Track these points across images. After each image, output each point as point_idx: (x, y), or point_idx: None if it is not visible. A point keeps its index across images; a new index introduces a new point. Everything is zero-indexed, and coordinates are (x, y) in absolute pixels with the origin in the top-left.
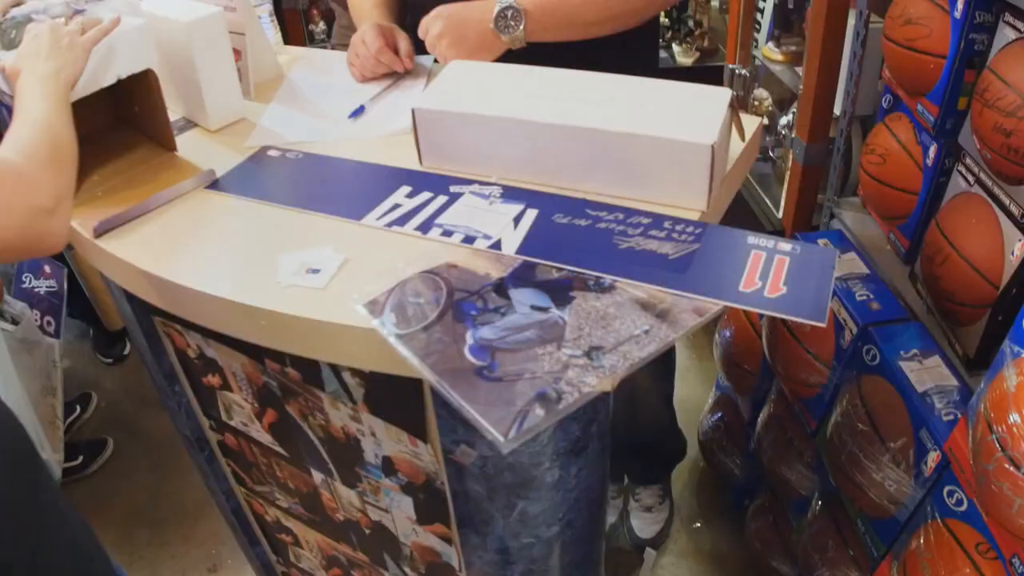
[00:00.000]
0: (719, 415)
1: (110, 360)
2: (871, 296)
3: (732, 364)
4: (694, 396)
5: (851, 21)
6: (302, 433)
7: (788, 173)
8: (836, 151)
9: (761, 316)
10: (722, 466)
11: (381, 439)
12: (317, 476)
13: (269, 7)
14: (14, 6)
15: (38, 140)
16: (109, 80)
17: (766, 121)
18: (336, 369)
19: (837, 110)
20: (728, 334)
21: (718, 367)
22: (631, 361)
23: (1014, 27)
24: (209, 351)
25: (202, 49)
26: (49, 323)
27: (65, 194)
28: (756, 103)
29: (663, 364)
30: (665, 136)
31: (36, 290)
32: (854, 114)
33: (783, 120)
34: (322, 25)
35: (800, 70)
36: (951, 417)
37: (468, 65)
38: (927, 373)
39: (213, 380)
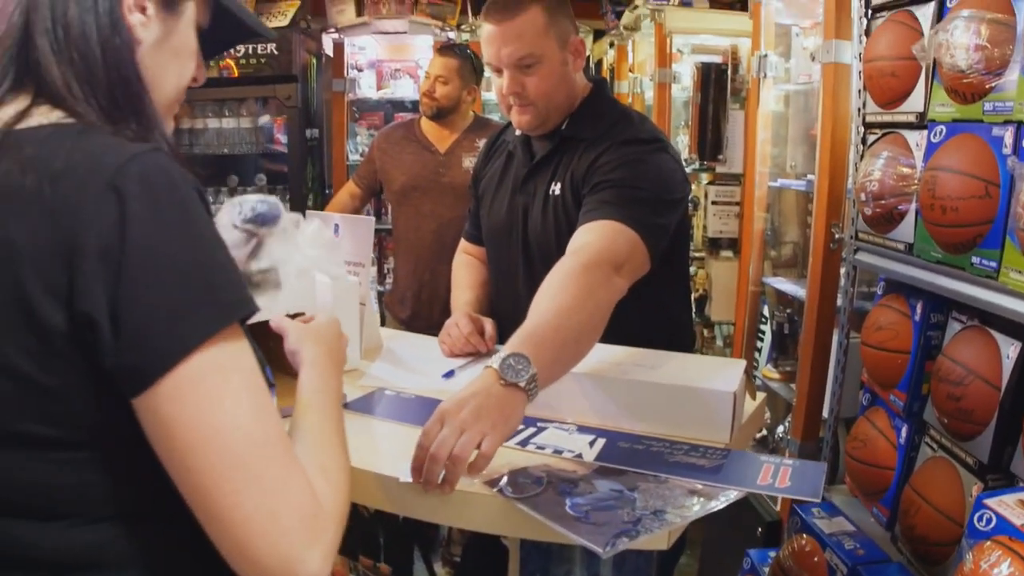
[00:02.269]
0: None
1: None
2: (858, 546)
3: None
4: None
5: (835, 337)
6: None
7: None
8: (825, 445)
9: None
10: None
11: None
12: None
13: (376, 290)
14: None
15: (339, 479)
16: (282, 311)
17: (764, 432)
18: (428, 560)
19: (825, 413)
20: None
21: None
22: (686, 520)
23: (959, 320)
24: None
25: (340, 306)
26: None
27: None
28: None
29: None
30: (700, 387)
31: None
32: (839, 414)
33: (780, 429)
34: None
35: (794, 386)
36: None
37: None
38: None
39: None
